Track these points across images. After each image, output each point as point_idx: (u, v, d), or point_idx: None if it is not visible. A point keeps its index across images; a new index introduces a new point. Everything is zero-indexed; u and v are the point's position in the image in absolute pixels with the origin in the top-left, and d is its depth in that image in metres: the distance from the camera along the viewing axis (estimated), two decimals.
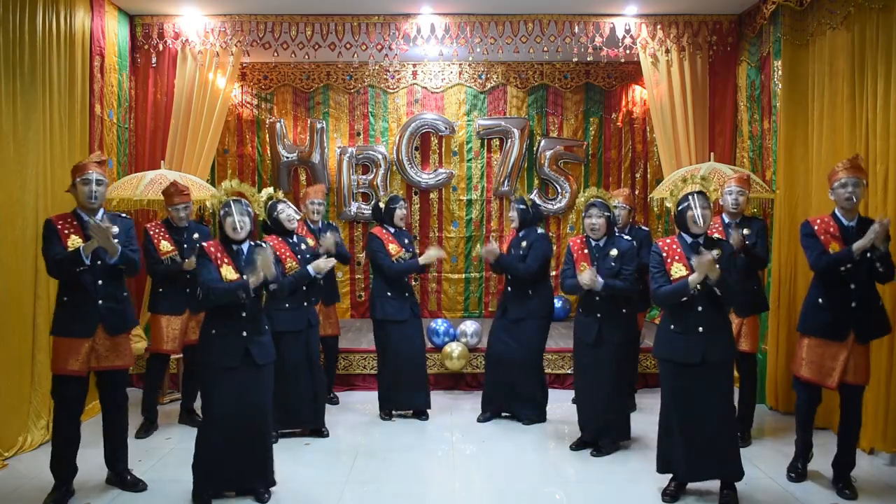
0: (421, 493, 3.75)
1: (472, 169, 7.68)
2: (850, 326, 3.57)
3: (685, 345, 3.40)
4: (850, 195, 3.55)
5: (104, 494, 3.65)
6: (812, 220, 3.72)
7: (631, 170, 7.67)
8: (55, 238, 3.43)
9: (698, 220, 3.39)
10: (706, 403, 3.39)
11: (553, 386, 5.77)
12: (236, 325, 3.41)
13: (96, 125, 5.30)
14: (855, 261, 3.49)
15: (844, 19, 4.53)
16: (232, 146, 7.57)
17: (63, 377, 3.48)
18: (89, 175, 3.49)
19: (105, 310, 3.52)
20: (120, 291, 3.61)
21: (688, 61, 5.95)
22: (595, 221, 4.16)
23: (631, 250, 4.16)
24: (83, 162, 3.60)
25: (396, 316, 4.80)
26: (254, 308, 3.48)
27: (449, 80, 7.62)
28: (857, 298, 3.55)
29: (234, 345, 3.40)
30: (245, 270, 3.38)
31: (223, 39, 5.94)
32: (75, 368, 3.47)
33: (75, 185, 3.52)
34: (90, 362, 3.51)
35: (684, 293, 3.33)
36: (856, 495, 3.59)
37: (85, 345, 3.49)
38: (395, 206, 4.90)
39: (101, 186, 3.53)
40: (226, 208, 3.46)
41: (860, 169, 3.60)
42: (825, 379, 3.62)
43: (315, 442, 4.50)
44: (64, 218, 3.51)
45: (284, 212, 4.47)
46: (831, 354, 3.60)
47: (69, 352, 3.47)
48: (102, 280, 3.50)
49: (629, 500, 3.62)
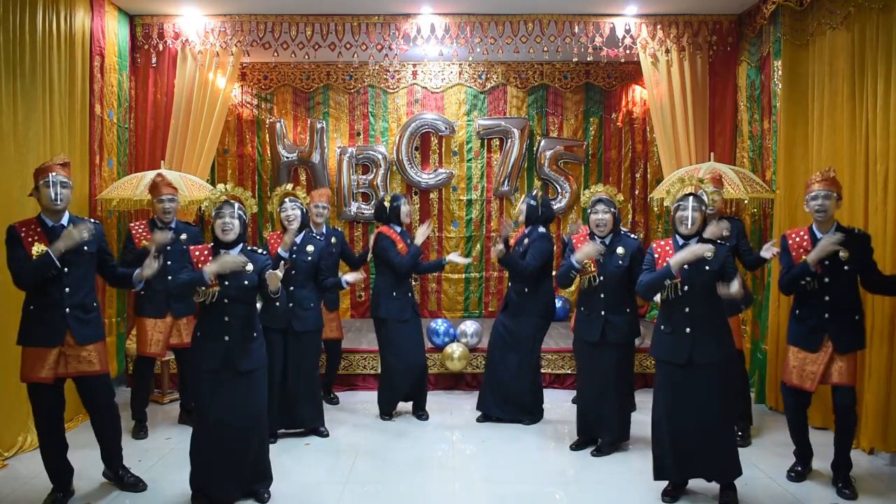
0: (421, 493, 3.75)
1: (472, 169, 7.68)
2: (823, 337, 3.63)
3: (673, 345, 3.43)
4: (820, 207, 3.61)
5: (104, 494, 3.64)
6: (788, 234, 3.80)
7: (631, 170, 7.67)
8: (18, 246, 3.30)
9: (686, 221, 3.40)
10: (695, 404, 3.39)
11: (553, 386, 5.78)
12: (219, 329, 3.38)
13: (96, 125, 5.31)
14: (812, 272, 3.54)
15: (844, 19, 4.53)
16: (232, 146, 7.57)
17: (35, 385, 3.40)
18: (50, 178, 3.35)
19: (72, 319, 3.41)
20: (90, 300, 3.50)
21: (688, 61, 5.95)
22: (602, 217, 4.12)
23: (640, 250, 4.12)
24: (46, 164, 3.47)
25: (400, 315, 4.81)
26: (240, 312, 3.43)
27: (449, 80, 7.62)
28: (831, 311, 3.61)
29: (216, 349, 3.37)
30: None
31: (223, 39, 5.94)
32: (42, 376, 3.35)
33: (38, 187, 3.38)
34: (58, 369, 3.40)
35: (665, 276, 3.35)
36: (856, 495, 3.59)
37: (52, 353, 3.38)
38: (398, 204, 4.90)
39: (65, 189, 3.39)
40: (217, 210, 3.46)
41: (832, 182, 3.66)
42: (804, 382, 3.68)
43: (315, 442, 4.50)
44: (27, 224, 3.38)
45: (285, 211, 4.53)
46: (812, 360, 3.66)
47: (36, 360, 3.36)
48: (69, 288, 3.39)
49: (629, 500, 3.62)
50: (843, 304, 3.61)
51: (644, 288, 3.49)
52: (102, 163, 5.44)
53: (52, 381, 3.40)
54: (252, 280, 3.43)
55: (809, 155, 4.89)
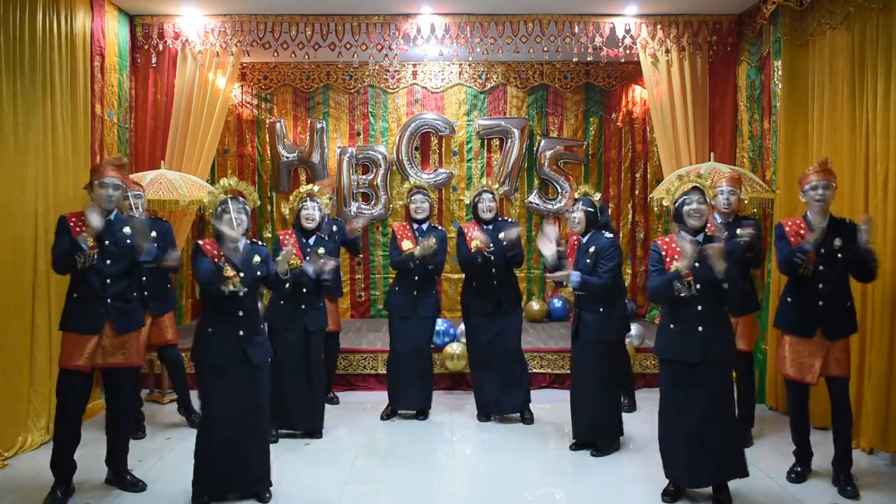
0: (421, 493, 3.75)
1: (472, 169, 7.68)
2: (817, 324, 3.65)
3: (685, 344, 3.40)
4: (821, 198, 3.64)
5: (104, 494, 3.65)
6: (784, 223, 3.83)
7: (631, 170, 7.67)
8: (66, 234, 3.47)
9: (695, 213, 3.40)
10: (706, 403, 3.38)
11: (553, 386, 5.78)
12: (233, 323, 3.41)
13: (97, 125, 5.30)
14: (807, 251, 3.57)
15: (844, 19, 4.53)
16: (232, 146, 7.57)
17: (67, 371, 3.50)
18: (107, 180, 3.53)
19: (113, 308, 3.54)
20: (130, 291, 3.64)
21: (688, 61, 5.95)
22: (575, 216, 4.24)
23: (609, 249, 4.11)
24: (101, 164, 3.68)
25: (399, 312, 4.88)
26: (250, 306, 3.48)
27: (449, 80, 7.61)
28: (825, 298, 3.63)
29: (231, 344, 3.40)
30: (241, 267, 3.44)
31: (223, 39, 5.94)
32: (79, 364, 3.48)
33: (92, 185, 3.56)
34: (95, 359, 3.53)
35: (675, 279, 3.35)
36: (857, 493, 3.60)
37: (91, 341, 3.50)
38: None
39: (117, 191, 3.57)
40: (223, 205, 3.46)
41: (830, 172, 3.70)
42: (805, 375, 3.68)
43: (315, 442, 4.49)
44: (78, 216, 3.54)
45: (304, 210, 4.53)
46: (810, 352, 3.67)
47: (74, 347, 3.49)
48: (111, 279, 3.54)
49: (629, 500, 3.62)
50: (836, 291, 3.64)
51: (656, 292, 3.48)
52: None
53: (88, 369, 3.52)
54: (262, 271, 3.53)
55: (809, 155, 4.88)
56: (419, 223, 4.89)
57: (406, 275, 4.84)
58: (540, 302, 7.46)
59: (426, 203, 4.89)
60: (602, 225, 4.29)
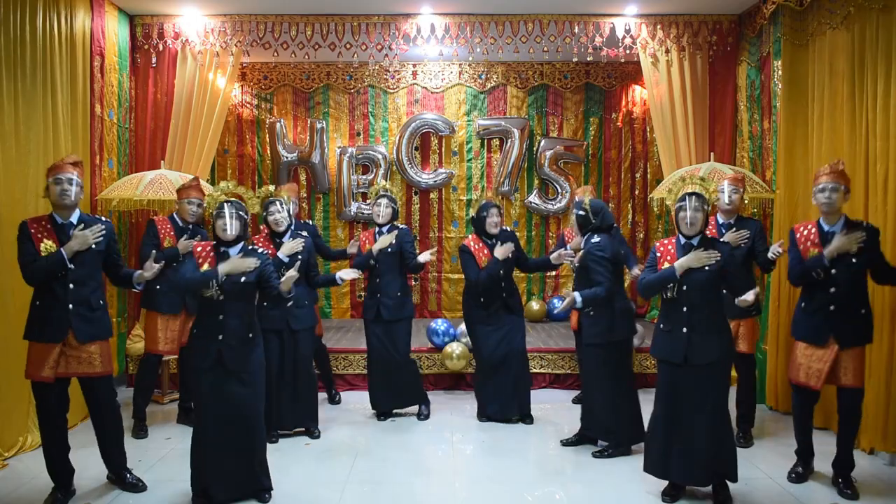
0: (421, 493, 3.75)
1: (472, 169, 7.68)
2: (829, 331, 3.60)
3: (670, 344, 3.44)
4: (827, 199, 3.60)
5: (104, 494, 3.64)
6: (796, 228, 3.80)
7: (631, 170, 7.67)
8: (28, 241, 3.34)
9: (689, 221, 3.41)
10: (692, 404, 3.39)
11: (553, 386, 5.78)
12: (213, 328, 3.39)
13: (97, 125, 5.30)
14: (825, 266, 3.54)
15: (844, 19, 4.53)
16: (232, 146, 7.57)
17: (39, 384, 3.41)
18: (62, 175, 3.38)
19: (75, 315, 3.41)
20: (95, 298, 3.50)
21: (688, 61, 5.95)
22: (571, 219, 4.36)
23: (593, 254, 4.08)
24: (58, 162, 3.50)
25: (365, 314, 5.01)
26: (236, 310, 3.42)
27: (449, 80, 7.62)
28: (837, 303, 3.58)
29: (208, 348, 3.38)
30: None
31: (223, 39, 5.94)
32: (44, 375, 3.37)
33: (48, 185, 3.42)
34: (59, 368, 3.40)
35: (669, 279, 3.39)
36: (857, 495, 3.59)
37: (54, 350, 3.39)
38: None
39: (74, 187, 3.41)
40: (219, 209, 3.46)
41: (841, 175, 3.63)
42: (810, 380, 3.65)
43: (315, 442, 4.50)
44: (38, 221, 3.42)
45: (271, 215, 4.43)
46: (818, 357, 3.63)
47: (38, 357, 3.38)
48: (74, 284, 3.40)
49: (629, 500, 3.62)
50: (849, 296, 3.59)
51: (644, 287, 3.53)
52: (102, 163, 5.44)
53: (52, 380, 3.40)
54: (249, 277, 3.43)
55: (809, 155, 4.88)
56: (380, 227, 4.91)
57: (370, 276, 4.92)
58: (540, 302, 7.47)
59: (389, 209, 4.85)
60: (597, 227, 4.17)
